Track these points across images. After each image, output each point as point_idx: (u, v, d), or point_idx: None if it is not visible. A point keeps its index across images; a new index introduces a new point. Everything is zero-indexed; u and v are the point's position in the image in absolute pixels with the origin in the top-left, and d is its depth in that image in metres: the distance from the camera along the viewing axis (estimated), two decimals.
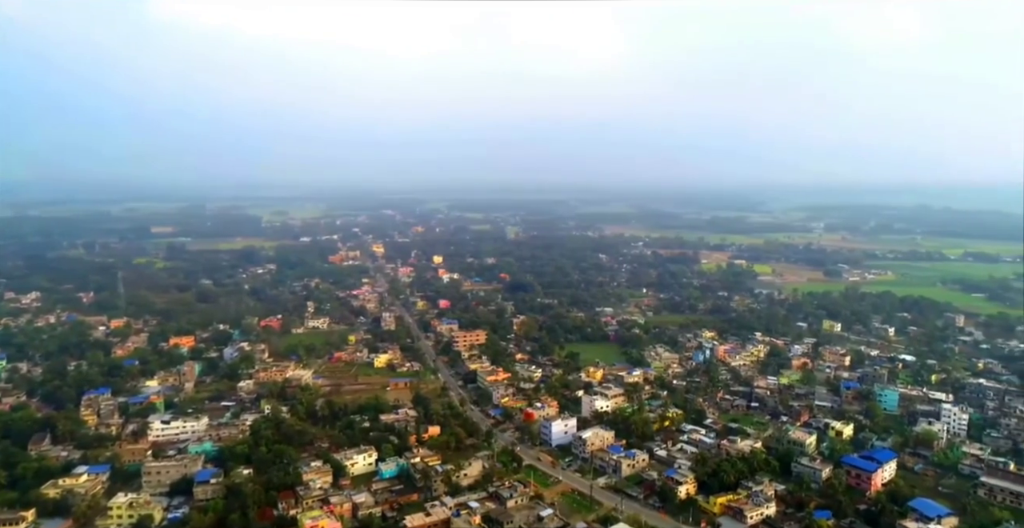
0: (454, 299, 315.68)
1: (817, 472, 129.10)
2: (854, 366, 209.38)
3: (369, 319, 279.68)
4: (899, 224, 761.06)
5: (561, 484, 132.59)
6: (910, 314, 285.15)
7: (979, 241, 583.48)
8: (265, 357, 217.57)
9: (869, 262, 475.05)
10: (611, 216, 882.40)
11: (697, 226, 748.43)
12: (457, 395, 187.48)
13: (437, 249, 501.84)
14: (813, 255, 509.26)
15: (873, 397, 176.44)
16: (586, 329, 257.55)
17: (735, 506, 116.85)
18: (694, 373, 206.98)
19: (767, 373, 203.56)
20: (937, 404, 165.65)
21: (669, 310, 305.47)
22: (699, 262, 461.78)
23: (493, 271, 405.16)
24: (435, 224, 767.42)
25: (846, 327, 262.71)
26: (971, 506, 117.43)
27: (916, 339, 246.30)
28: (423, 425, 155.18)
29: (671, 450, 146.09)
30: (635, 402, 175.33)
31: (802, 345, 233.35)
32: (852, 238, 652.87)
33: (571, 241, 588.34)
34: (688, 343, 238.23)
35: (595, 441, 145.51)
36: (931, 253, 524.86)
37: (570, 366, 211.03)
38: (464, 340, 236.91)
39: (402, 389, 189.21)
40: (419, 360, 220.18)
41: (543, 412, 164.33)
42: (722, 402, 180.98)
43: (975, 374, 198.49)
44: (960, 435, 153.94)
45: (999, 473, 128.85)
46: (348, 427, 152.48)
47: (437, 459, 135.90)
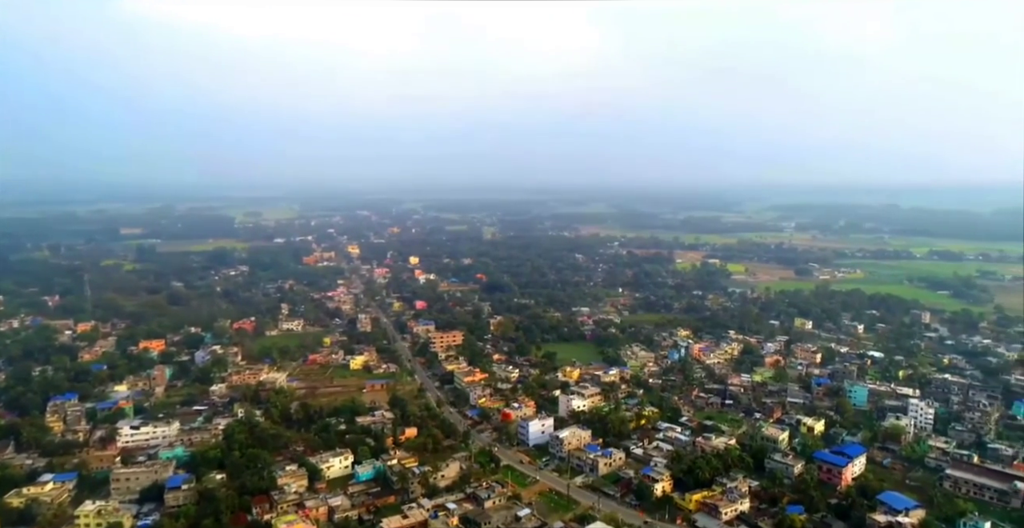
0: (431, 300, 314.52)
1: (790, 468, 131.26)
2: (825, 363, 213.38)
3: (344, 321, 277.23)
4: (868, 223, 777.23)
5: (539, 484, 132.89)
6: (878, 311, 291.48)
7: (944, 240, 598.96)
8: (238, 360, 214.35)
9: (839, 261, 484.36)
10: (588, 216, 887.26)
11: (672, 226, 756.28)
12: (434, 396, 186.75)
13: (413, 250, 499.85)
14: (785, 254, 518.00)
15: (843, 393, 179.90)
16: (563, 329, 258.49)
17: (710, 503, 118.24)
18: (669, 371, 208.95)
19: (741, 371, 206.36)
20: (904, 399, 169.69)
21: (645, 309, 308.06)
22: (674, 262, 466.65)
23: (470, 271, 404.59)
24: (411, 225, 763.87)
25: (817, 325, 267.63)
26: (937, 498, 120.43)
27: (884, 336, 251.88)
28: (400, 427, 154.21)
29: (647, 448, 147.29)
30: (612, 401, 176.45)
31: (775, 343, 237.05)
32: (822, 237, 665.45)
33: (548, 241, 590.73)
34: (663, 342, 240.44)
35: (572, 440, 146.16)
36: (898, 252, 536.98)
37: (547, 366, 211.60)
38: (441, 341, 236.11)
39: (378, 391, 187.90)
40: (395, 362, 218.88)
41: (520, 412, 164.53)
42: (697, 400, 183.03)
43: (940, 370, 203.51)
44: (926, 429, 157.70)
45: (963, 466, 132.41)
46: (324, 430, 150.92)
47: (414, 461, 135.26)
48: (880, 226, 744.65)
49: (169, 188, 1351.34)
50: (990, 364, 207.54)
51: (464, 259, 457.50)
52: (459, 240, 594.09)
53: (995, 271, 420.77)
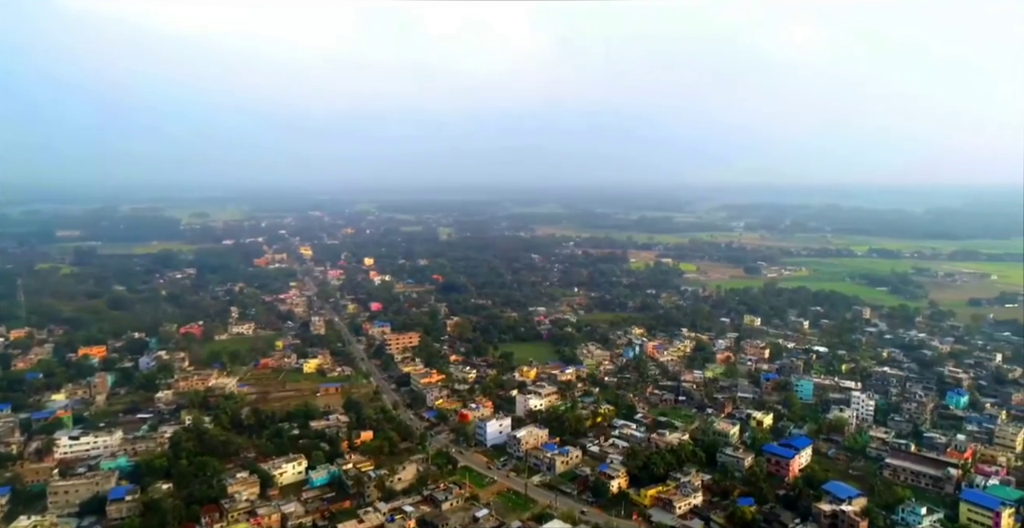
0: (386, 301, 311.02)
1: (740, 461, 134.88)
2: (773, 358, 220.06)
3: (297, 324, 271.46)
4: (812, 223, 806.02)
5: (497, 484, 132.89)
6: (822, 308, 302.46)
7: (882, 238, 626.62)
8: (185, 366, 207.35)
9: (785, 259, 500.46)
10: (542, 216, 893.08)
11: (625, 226, 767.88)
12: (390, 399, 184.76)
13: (368, 251, 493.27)
14: (734, 253, 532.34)
15: (790, 387, 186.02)
16: (520, 329, 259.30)
17: (664, 497, 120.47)
18: (624, 369, 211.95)
19: (693, 367, 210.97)
20: (847, 392, 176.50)
21: (600, 308, 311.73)
22: (628, 261, 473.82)
23: (426, 272, 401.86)
24: (365, 225, 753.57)
25: (765, 321, 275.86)
26: (877, 486, 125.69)
27: (828, 331, 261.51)
28: (355, 430, 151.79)
29: (603, 445, 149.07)
30: (568, 400, 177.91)
31: (725, 340, 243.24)
32: (770, 236, 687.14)
33: (504, 241, 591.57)
34: (618, 340, 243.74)
35: (529, 440, 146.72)
36: (840, 250, 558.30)
37: (504, 366, 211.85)
38: (397, 342, 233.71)
39: (333, 394, 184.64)
40: (350, 364, 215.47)
41: (478, 413, 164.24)
42: (651, 397, 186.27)
43: (880, 363, 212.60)
44: (868, 420, 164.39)
45: (901, 454, 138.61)
46: (276, 435, 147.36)
47: (370, 464, 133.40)
48: (823, 225, 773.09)
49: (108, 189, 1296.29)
50: (925, 357, 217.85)
51: (420, 260, 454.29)
52: (414, 241, 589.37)
53: (928, 268, 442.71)
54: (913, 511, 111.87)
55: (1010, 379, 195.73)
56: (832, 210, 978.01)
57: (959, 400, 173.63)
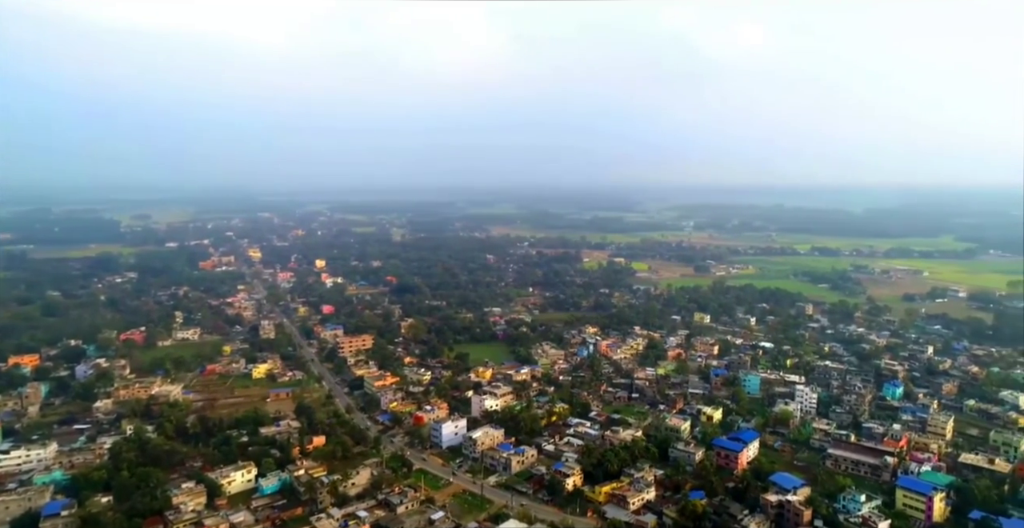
0: (338, 304, 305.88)
1: (691, 455, 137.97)
2: (722, 354, 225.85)
3: (246, 328, 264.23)
4: (757, 222, 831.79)
5: (452, 486, 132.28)
6: (768, 304, 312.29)
7: (823, 237, 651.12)
8: (126, 373, 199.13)
9: (733, 257, 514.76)
10: (497, 217, 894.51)
11: (579, 226, 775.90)
12: (343, 402, 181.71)
13: (319, 253, 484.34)
14: (684, 252, 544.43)
15: (738, 382, 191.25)
16: (475, 329, 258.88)
17: (618, 494, 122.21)
18: (579, 368, 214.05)
19: (646, 365, 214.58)
20: (792, 386, 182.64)
21: (554, 308, 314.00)
22: (581, 261, 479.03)
23: (379, 274, 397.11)
24: (316, 227, 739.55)
25: (714, 319, 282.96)
26: (821, 476, 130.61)
27: (773, 327, 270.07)
28: (307, 436, 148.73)
29: (559, 444, 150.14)
30: (524, 399, 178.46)
31: (676, 337, 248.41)
32: (718, 235, 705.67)
33: (458, 242, 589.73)
34: (573, 339, 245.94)
35: (485, 440, 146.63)
36: (784, 248, 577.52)
37: (459, 367, 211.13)
38: (350, 345, 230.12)
39: (284, 399, 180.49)
40: (302, 368, 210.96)
41: (433, 415, 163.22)
42: (605, 394, 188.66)
43: (822, 357, 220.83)
44: (811, 413, 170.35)
45: (842, 445, 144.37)
46: (224, 443, 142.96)
47: (323, 470, 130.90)
48: (768, 225, 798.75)
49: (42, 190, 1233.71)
50: (863, 350, 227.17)
51: (373, 261, 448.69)
52: (367, 242, 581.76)
53: (866, 265, 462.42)
54: (853, 499, 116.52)
55: (941, 370, 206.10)
56: (777, 210, 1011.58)
57: (895, 391, 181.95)
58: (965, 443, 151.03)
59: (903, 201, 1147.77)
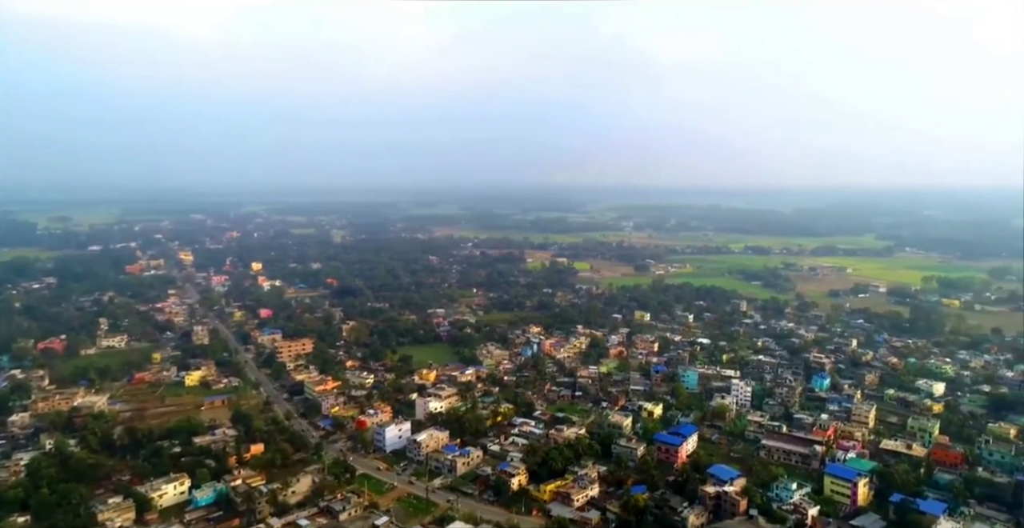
0: (276, 307, 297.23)
1: (633, 451, 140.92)
2: (662, 351, 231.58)
3: (177, 334, 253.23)
4: (694, 222, 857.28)
5: (397, 490, 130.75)
6: (705, 302, 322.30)
7: (756, 236, 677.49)
8: (45, 384, 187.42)
9: (671, 256, 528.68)
10: (440, 218, 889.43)
11: (522, 226, 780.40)
12: (282, 409, 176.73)
13: (256, 255, 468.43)
14: (625, 252, 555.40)
15: (678, 378, 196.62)
16: (418, 331, 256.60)
17: (563, 491, 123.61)
18: (523, 368, 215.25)
19: (589, 363, 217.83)
20: (728, 380, 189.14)
21: (498, 308, 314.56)
22: (525, 261, 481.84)
23: (319, 276, 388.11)
24: (253, 228, 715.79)
25: (654, 316, 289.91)
26: (755, 466, 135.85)
27: (710, 324, 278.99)
28: (244, 444, 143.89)
29: (504, 444, 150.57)
30: (468, 400, 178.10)
31: (618, 335, 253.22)
32: (657, 235, 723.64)
33: (401, 243, 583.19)
34: (517, 339, 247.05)
35: (430, 443, 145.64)
36: (720, 247, 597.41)
37: (403, 369, 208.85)
38: (289, 350, 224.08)
39: (219, 407, 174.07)
40: (238, 375, 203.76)
41: (376, 418, 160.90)
42: (549, 393, 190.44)
43: (756, 351, 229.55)
44: (746, 405, 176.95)
45: (775, 435, 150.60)
46: (154, 455, 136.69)
47: (261, 479, 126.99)
48: (704, 224, 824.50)
49: None
50: (794, 344, 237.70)
51: (312, 264, 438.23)
52: (306, 244, 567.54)
53: (795, 263, 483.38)
54: (785, 487, 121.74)
55: (864, 362, 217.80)
56: (713, 210, 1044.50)
57: (822, 383, 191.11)
58: (886, 430, 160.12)
59: (829, 202, 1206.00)
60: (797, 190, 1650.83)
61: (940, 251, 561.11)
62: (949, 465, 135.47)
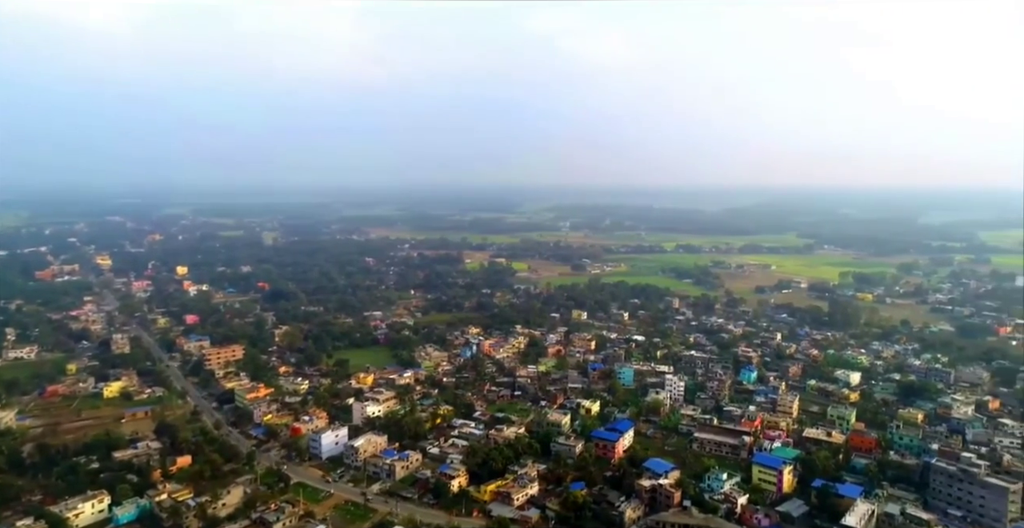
0: (204, 313, 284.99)
1: (572, 448, 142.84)
2: (598, 349, 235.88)
3: (94, 343, 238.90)
4: (628, 222, 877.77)
5: (334, 497, 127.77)
6: (639, 300, 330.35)
7: (687, 235, 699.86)
8: None
9: (607, 256, 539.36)
10: (376, 219, 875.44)
11: (460, 227, 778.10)
12: (212, 418, 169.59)
13: (181, 259, 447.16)
14: (562, 251, 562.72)
15: (614, 375, 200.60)
16: (355, 334, 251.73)
17: (503, 491, 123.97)
18: (462, 369, 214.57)
19: (527, 362, 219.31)
20: (662, 376, 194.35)
21: (437, 310, 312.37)
22: (463, 262, 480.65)
23: (250, 280, 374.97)
24: (177, 231, 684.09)
25: (591, 315, 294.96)
26: (688, 459, 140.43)
27: (644, 321, 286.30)
28: (170, 457, 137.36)
29: (443, 446, 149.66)
30: (407, 403, 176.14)
31: (556, 334, 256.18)
32: (592, 235, 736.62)
33: (335, 245, 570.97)
34: (456, 340, 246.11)
35: (368, 448, 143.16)
36: (653, 246, 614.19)
37: (339, 374, 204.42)
38: (217, 357, 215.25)
39: (141, 419, 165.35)
40: (162, 384, 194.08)
41: (311, 425, 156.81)
42: (489, 394, 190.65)
43: (688, 347, 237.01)
44: (679, 400, 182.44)
45: (707, 428, 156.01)
46: (70, 472, 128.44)
47: (188, 492, 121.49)
48: (637, 224, 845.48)
49: None
50: (723, 339, 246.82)
51: (242, 267, 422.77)
52: (235, 247, 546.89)
53: (724, 261, 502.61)
54: (716, 478, 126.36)
55: (788, 355, 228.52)
56: (646, 210, 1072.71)
57: (750, 376, 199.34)
58: (808, 419, 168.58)
59: (754, 202, 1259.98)
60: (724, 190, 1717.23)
61: (855, 248, 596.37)
62: (865, 450, 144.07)
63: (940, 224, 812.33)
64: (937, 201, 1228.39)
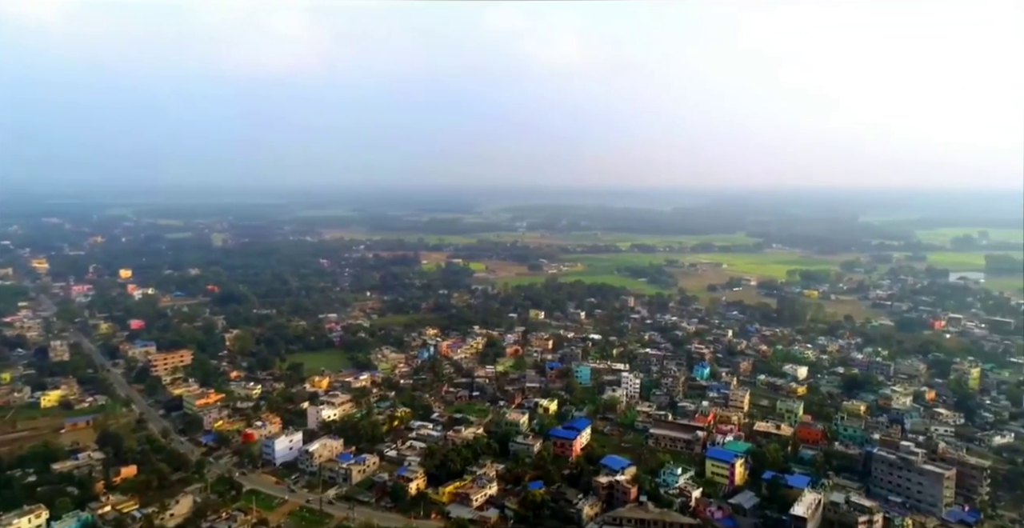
0: (149, 317, 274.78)
1: (530, 447, 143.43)
2: (556, 348, 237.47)
3: (30, 351, 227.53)
4: (584, 222, 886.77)
5: (288, 504, 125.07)
6: (596, 299, 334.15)
7: (641, 234, 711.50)
8: None
9: (563, 255, 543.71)
10: (331, 220, 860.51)
11: (416, 228, 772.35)
12: (159, 426, 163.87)
13: (125, 262, 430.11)
14: (519, 252, 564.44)
15: (572, 374, 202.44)
16: (309, 337, 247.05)
17: (462, 492, 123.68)
18: (420, 370, 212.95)
19: (485, 363, 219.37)
20: (618, 373, 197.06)
21: (394, 311, 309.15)
22: (420, 263, 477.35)
23: (198, 283, 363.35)
24: (120, 233, 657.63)
25: (548, 314, 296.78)
26: (644, 455, 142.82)
27: (601, 320, 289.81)
28: (113, 467, 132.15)
29: (401, 449, 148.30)
30: (364, 406, 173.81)
31: (514, 334, 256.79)
32: (549, 235, 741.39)
33: (289, 247, 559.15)
34: (413, 342, 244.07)
35: (323, 452, 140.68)
36: (608, 246, 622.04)
37: (293, 378, 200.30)
38: (164, 363, 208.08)
39: (83, 429, 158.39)
40: (105, 392, 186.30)
41: (264, 430, 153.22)
42: (447, 395, 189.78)
43: (643, 345, 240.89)
44: (635, 397, 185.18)
45: (662, 424, 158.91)
46: (4, 486, 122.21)
47: (134, 503, 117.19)
48: (593, 224, 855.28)
49: None
50: (677, 337, 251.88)
51: (190, 269, 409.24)
52: (183, 249, 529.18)
53: (677, 260, 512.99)
54: (671, 472, 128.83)
55: (739, 351, 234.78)
56: (601, 210, 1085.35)
57: (703, 372, 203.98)
58: (758, 413, 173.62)
59: (705, 201, 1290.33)
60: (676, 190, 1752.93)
61: (802, 247, 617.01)
62: (812, 442, 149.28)
63: (879, 223, 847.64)
64: (876, 201, 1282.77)
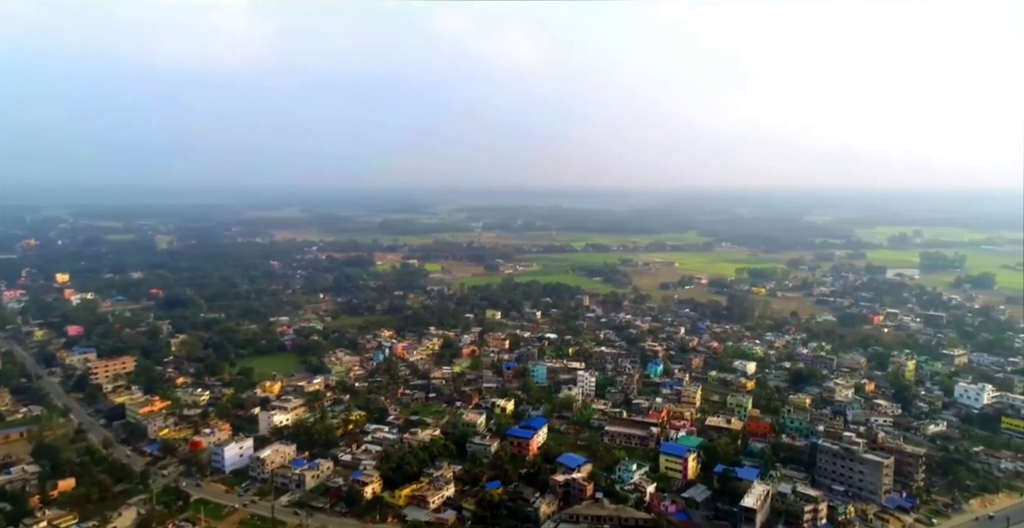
0: (89, 323, 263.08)
1: (487, 447, 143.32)
2: (512, 348, 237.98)
3: None
4: (539, 222, 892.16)
5: (239, 512, 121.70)
6: (551, 298, 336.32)
7: (596, 234, 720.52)
8: None
9: (519, 255, 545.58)
10: (281, 221, 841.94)
11: (370, 228, 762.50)
12: (99, 436, 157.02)
13: (61, 265, 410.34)
14: (475, 252, 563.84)
15: (528, 373, 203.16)
16: (260, 341, 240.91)
17: (418, 494, 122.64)
18: (375, 373, 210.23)
19: (442, 364, 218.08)
20: (574, 372, 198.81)
21: (348, 313, 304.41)
22: (374, 264, 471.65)
23: (142, 287, 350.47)
24: (56, 235, 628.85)
25: (505, 314, 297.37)
26: (600, 452, 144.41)
27: (557, 319, 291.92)
28: (50, 480, 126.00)
29: (356, 453, 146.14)
30: (317, 411, 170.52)
31: (470, 334, 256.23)
32: (505, 235, 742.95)
33: (237, 249, 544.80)
34: (368, 344, 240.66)
35: (275, 458, 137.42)
36: (563, 246, 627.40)
37: (243, 383, 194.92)
38: (105, 370, 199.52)
39: (16, 441, 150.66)
40: (41, 402, 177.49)
41: (213, 438, 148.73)
42: (403, 397, 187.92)
43: (598, 343, 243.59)
44: (591, 395, 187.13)
45: (617, 421, 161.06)
46: None
47: (73, 518, 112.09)
48: (548, 224, 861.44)
49: None
50: (631, 335, 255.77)
51: (133, 273, 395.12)
52: (125, 252, 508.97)
53: (631, 259, 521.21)
54: (626, 469, 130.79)
55: (691, 348, 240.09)
56: (556, 211, 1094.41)
57: (656, 369, 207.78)
58: (710, 408, 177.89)
59: (656, 202, 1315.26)
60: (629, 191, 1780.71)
61: (749, 245, 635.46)
62: (760, 435, 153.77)
63: (822, 222, 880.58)
64: (819, 201, 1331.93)
